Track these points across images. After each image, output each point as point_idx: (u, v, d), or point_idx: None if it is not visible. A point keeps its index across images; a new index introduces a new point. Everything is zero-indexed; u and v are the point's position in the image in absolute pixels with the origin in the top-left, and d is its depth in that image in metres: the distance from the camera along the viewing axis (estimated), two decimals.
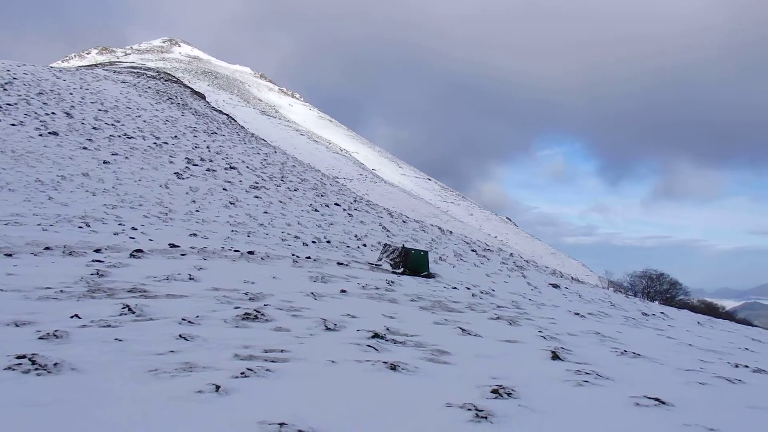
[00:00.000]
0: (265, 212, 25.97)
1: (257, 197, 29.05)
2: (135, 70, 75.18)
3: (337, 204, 35.05)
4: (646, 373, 7.17)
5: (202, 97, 73.51)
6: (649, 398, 5.39)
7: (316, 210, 30.55)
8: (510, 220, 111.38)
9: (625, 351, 8.77)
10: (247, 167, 37.55)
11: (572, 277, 40.30)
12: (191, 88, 77.19)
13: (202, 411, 4.05)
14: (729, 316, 55.82)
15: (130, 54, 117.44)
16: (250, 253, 15.31)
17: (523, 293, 18.44)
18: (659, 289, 47.15)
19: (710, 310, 49.30)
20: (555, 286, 23.92)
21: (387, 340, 7.36)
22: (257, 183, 32.92)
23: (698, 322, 20.45)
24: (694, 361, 8.86)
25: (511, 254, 41.16)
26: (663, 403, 5.31)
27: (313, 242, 21.13)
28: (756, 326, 45.09)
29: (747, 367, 8.68)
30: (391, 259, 18.42)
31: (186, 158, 33.52)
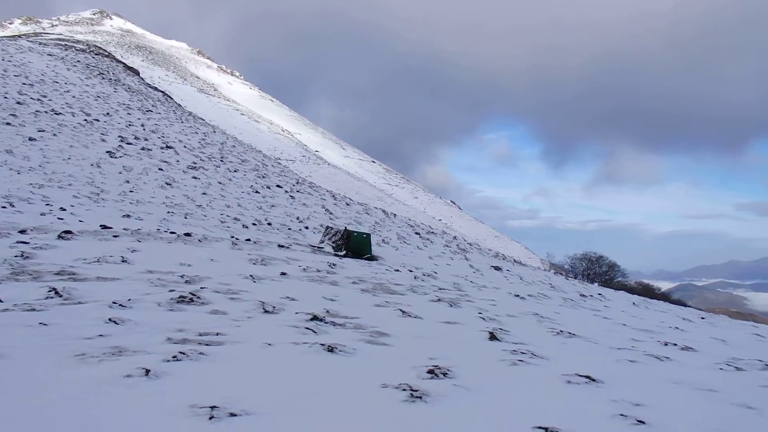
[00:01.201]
0: (204, 193, 25.47)
1: (195, 178, 28.44)
2: (63, 43, 71.93)
3: (278, 186, 34.69)
4: (580, 352, 7.43)
5: (136, 73, 71.09)
6: (581, 376, 5.60)
7: (257, 192, 30.16)
8: (454, 204, 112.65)
9: (561, 331, 9.06)
10: (185, 147, 36.68)
11: (515, 260, 41.19)
12: (124, 64, 74.52)
13: (130, 395, 3.97)
14: (665, 297, 58.22)
15: (57, 26, 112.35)
16: (187, 235, 15.01)
17: (465, 275, 18.73)
18: (599, 271, 48.68)
19: (647, 292, 51.31)
20: (497, 268, 24.39)
21: (326, 323, 7.38)
22: (195, 163, 32.22)
23: (633, 303, 21.26)
24: (627, 340, 9.22)
25: (455, 237, 41.73)
26: (593, 380, 5.52)
27: (254, 224, 20.87)
28: (689, 306, 47.28)
29: (675, 345, 9.10)
30: (333, 242, 18.39)
31: (119, 136, 32.44)
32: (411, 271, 16.61)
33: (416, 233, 32.69)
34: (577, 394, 5.09)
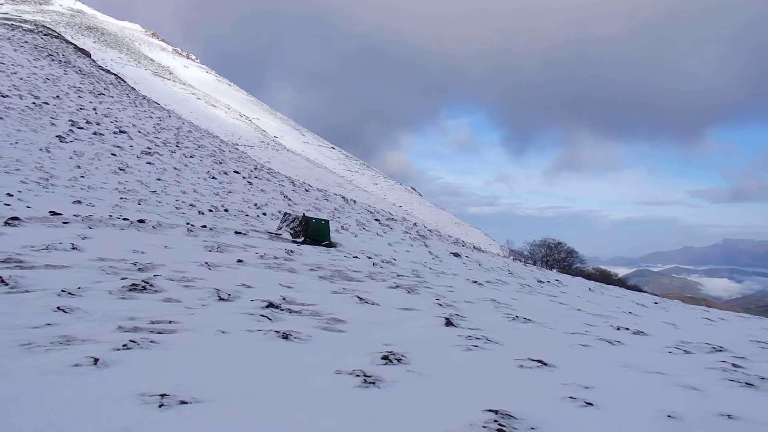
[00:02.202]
0: (159, 179, 25.03)
1: (150, 163, 27.92)
2: (9, 23, 69.33)
3: (236, 171, 34.29)
4: (534, 337, 7.60)
5: (87, 54, 69.04)
6: (533, 360, 5.74)
7: (213, 177, 29.78)
8: (415, 190, 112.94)
9: (517, 317, 9.23)
10: (139, 132, 35.93)
11: (474, 246, 41.63)
12: (75, 45, 72.29)
13: (77, 384, 3.93)
14: (621, 282, 59.65)
15: (3, 4, 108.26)
16: (141, 221, 14.76)
17: (424, 262, 18.88)
18: (557, 258, 49.59)
19: (604, 277, 52.49)
20: (456, 255, 24.64)
21: (282, 310, 7.38)
22: (150, 148, 31.60)
23: (589, 289, 21.77)
24: (581, 325, 9.46)
25: (415, 224, 41.93)
26: (545, 364, 5.67)
27: (210, 211, 20.63)
28: (644, 292, 48.59)
29: (628, 329, 9.38)
30: (291, 228, 18.32)
31: (70, 120, 31.57)
32: (370, 257, 16.66)
33: (376, 220, 32.77)
34: (529, 377, 5.22)
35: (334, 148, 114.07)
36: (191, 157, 33.98)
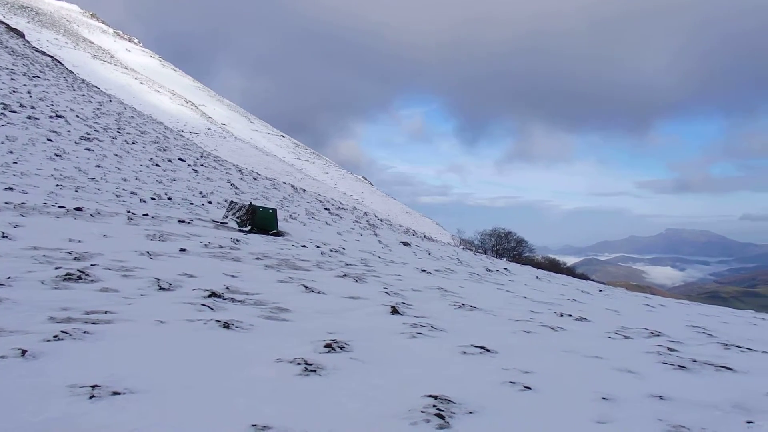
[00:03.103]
0: (98, 166, 24.35)
1: (89, 150, 27.12)
2: None
3: (181, 159, 33.65)
4: (479, 325, 7.72)
5: (21, 35, 66.37)
6: (476, 347, 5.84)
7: (157, 165, 29.14)
8: (366, 179, 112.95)
9: (463, 304, 9.37)
10: (77, 116, 34.83)
11: (425, 236, 41.95)
12: (6, 24, 69.35)
13: (3, 377, 3.81)
14: (569, 271, 61.16)
15: None
16: (78, 209, 14.34)
17: (373, 251, 18.94)
18: (507, 247, 50.49)
19: (553, 266, 53.71)
20: (406, 244, 24.79)
21: (225, 299, 7.30)
22: (89, 134, 30.68)
23: (537, 277, 22.24)
24: (526, 312, 9.66)
25: (366, 213, 41.98)
26: (488, 350, 5.78)
27: (153, 199, 20.20)
28: (591, 280, 49.94)
29: (571, 316, 9.62)
30: (237, 217, 18.11)
31: (1, 104, 30.37)
32: (318, 246, 16.62)
33: (326, 209, 32.69)
34: (471, 363, 5.31)
35: (283, 136, 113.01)
36: (133, 143, 33.15)
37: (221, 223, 17.79)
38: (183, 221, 16.12)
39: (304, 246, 16.20)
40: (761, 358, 6.80)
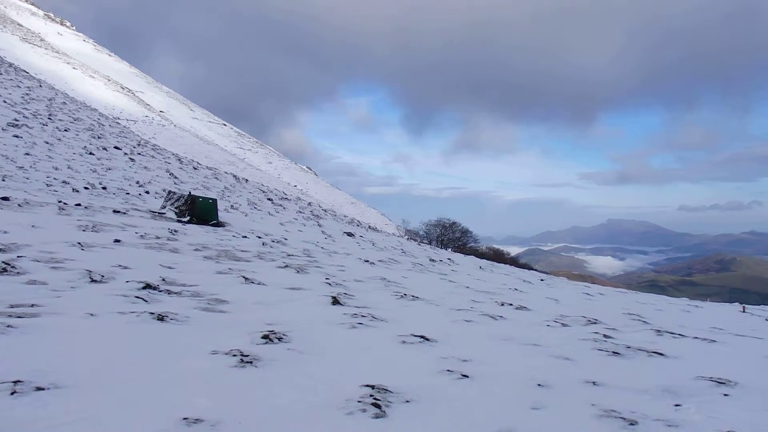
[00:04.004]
0: (27, 154, 23.45)
1: (17, 137, 26.08)
2: None
3: (117, 147, 32.71)
4: (420, 314, 7.80)
5: None
6: (416, 336, 5.91)
7: (91, 153, 28.25)
8: (311, 170, 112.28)
9: (405, 294, 9.45)
10: (4, 101, 33.43)
11: (370, 226, 42.04)
12: None
13: None
14: (513, 261, 62.36)
15: None
16: (5, 199, 13.79)
17: (316, 242, 18.88)
18: (452, 237, 51.07)
19: (497, 256, 54.64)
20: (350, 234, 24.79)
21: (160, 291, 7.16)
22: (17, 120, 29.50)
23: (480, 267, 22.59)
24: (467, 302, 9.82)
25: (310, 203, 41.78)
26: (427, 340, 5.85)
27: (86, 188, 19.60)
28: (534, 269, 51.02)
29: (511, 305, 9.82)
30: (176, 207, 17.75)
31: None
32: (260, 237, 16.47)
33: (269, 199, 32.37)
34: (410, 353, 5.36)
35: (225, 125, 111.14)
36: (66, 131, 32.04)
37: (159, 213, 17.40)
38: (118, 211, 15.70)
39: (245, 237, 16.01)
40: (691, 344, 7.10)
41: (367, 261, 15.31)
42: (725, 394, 4.60)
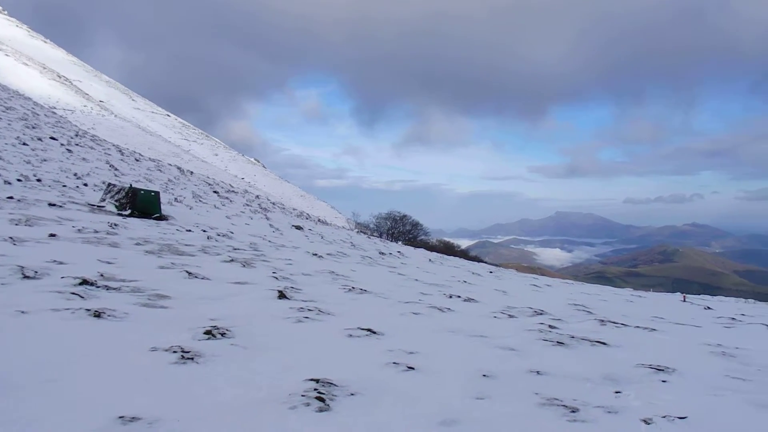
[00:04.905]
0: None
1: None
2: None
3: (53, 138, 31.62)
4: (368, 307, 7.82)
5: None
6: (363, 329, 5.92)
7: (24, 144, 27.24)
8: (259, 162, 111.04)
9: (354, 288, 9.46)
10: None
11: (319, 219, 41.86)
12: None
13: None
14: (463, 253, 63.05)
15: None
16: None
17: (263, 235, 18.70)
18: (402, 230, 51.29)
19: (447, 249, 55.13)
20: (298, 227, 24.64)
21: (98, 287, 6.97)
22: None
23: (430, 260, 22.77)
24: (416, 294, 9.89)
25: (258, 196, 41.29)
26: (374, 333, 5.87)
27: (19, 180, 18.89)
28: (484, 262, 51.70)
29: (459, 297, 9.94)
30: (116, 200, 17.29)
31: None
32: (205, 231, 16.21)
33: (215, 192, 31.88)
34: (357, 346, 5.37)
35: (169, 116, 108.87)
36: None
37: (98, 206, 16.93)
38: (54, 205, 15.20)
39: (190, 230, 15.74)
40: (633, 333, 7.32)
41: (316, 254, 15.25)
42: (663, 381, 4.76)
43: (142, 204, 16.98)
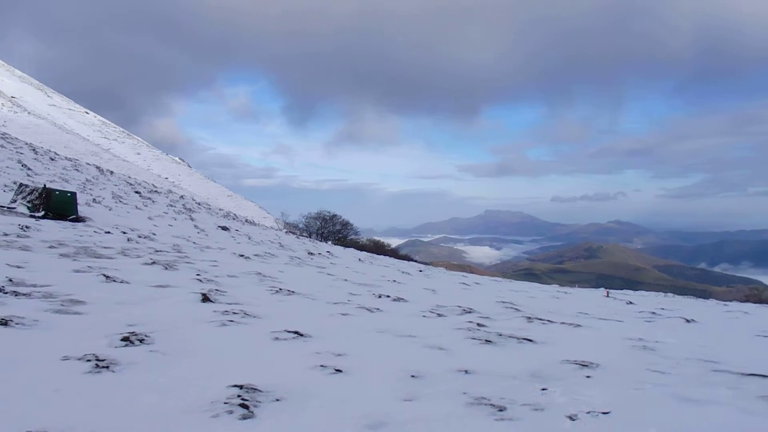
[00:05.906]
0: None
1: None
2: None
3: None
4: (295, 309, 7.71)
5: None
6: (289, 332, 5.82)
7: None
8: (183, 161, 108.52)
9: (281, 289, 9.33)
10: None
11: (247, 220, 41.23)
12: None
13: None
14: (394, 252, 63.41)
15: None
16: None
17: (188, 236, 18.25)
18: (332, 230, 51.09)
19: (377, 248, 55.31)
20: (225, 228, 24.20)
21: (6, 293, 6.60)
22: None
23: (359, 259, 22.77)
24: (345, 295, 9.83)
25: (182, 197, 40.31)
26: (302, 335, 5.78)
27: None
28: (414, 260, 52.10)
29: (389, 297, 9.95)
30: (29, 201, 16.52)
31: None
32: (125, 232, 15.67)
33: (136, 192, 30.92)
34: (283, 349, 5.27)
35: (88, 113, 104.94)
36: None
37: (8, 208, 16.14)
38: None
39: (109, 232, 15.18)
40: (558, 329, 7.49)
41: (242, 256, 14.98)
42: (588, 376, 4.87)
43: (57, 205, 16.29)
